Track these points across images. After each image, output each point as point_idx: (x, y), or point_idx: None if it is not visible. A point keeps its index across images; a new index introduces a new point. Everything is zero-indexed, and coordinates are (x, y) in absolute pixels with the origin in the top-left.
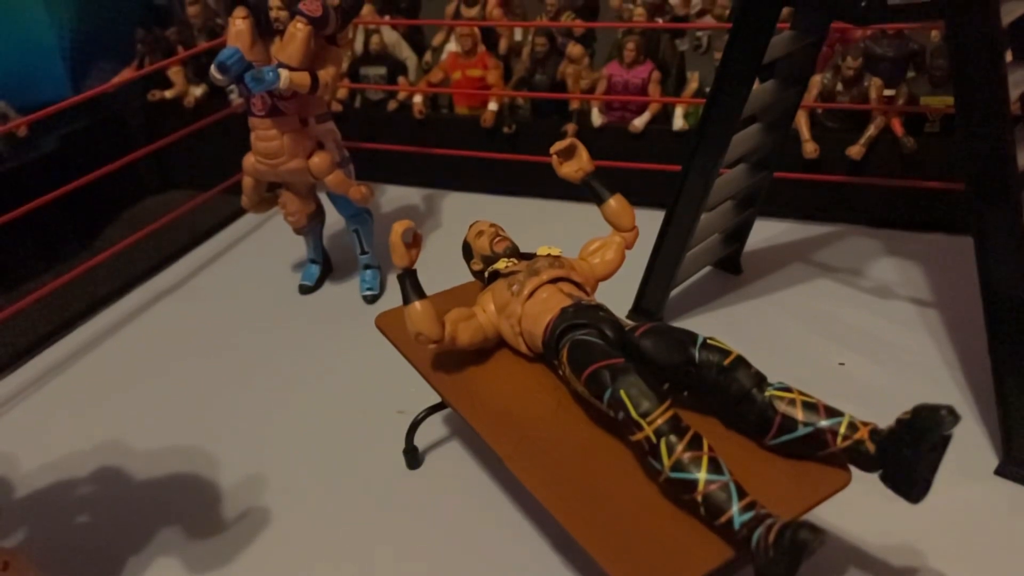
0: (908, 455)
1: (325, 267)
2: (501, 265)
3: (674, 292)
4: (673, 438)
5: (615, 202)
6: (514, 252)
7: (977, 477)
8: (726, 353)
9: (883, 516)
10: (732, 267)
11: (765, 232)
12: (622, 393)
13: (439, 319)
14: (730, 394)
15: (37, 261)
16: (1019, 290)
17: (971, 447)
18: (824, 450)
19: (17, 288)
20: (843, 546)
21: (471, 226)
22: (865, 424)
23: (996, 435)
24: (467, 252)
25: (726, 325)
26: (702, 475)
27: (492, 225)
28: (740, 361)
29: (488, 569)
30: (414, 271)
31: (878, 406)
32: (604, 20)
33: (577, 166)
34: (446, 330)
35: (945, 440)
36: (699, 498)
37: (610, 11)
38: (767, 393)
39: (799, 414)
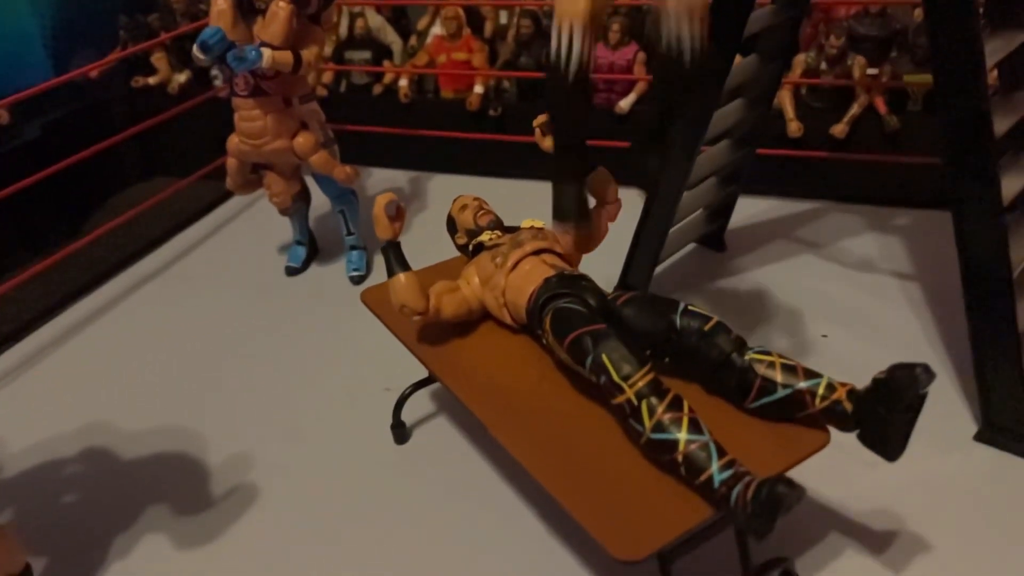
0: (884, 413)
1: (311, 249)
2: (485, 237)
3: (658, 269)
4: (654, 400)
5: (598, 174)
6: (498, 225)
7: (956, 444)
8: (706, 319)
9: (863, 482)
10: (716, 244)
11: (749, 210)
12: (604, 357)
13: (423, 291)
14: (710, 359)
15: (22, 249)
16: (996, 259)
17: (951, 414)
18: (803, 411)
19: (2, 275)
20: (822, 513)
21: (455, 200)
22: (843, 385)
23: (975, 402)
24: (451, 226)
25: (710, 301)
26: (682, 435)
27: (476, 199)
28: (720, 326)
29: (477, 542)
30: (398, 243)
31: (860, 376)
32: None
33: None
34: (431, 302)
35: (920, 398)
36: (679, 458)
37: None
38: (747, 357)
39: (778, 376)
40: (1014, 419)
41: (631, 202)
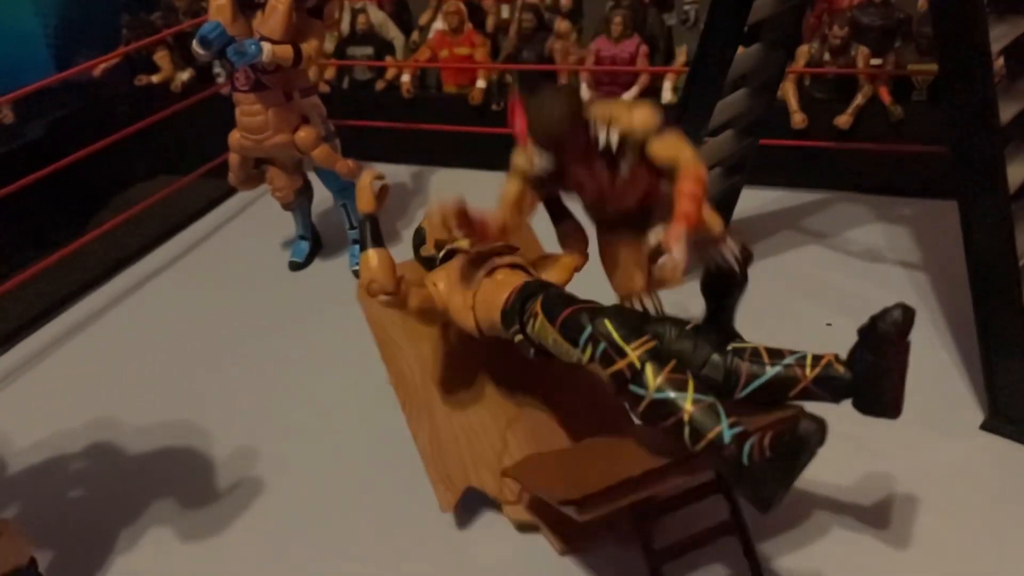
0: (873, 359)
1: (314, 243)
2: (465, 243)
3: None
4: (657, 363)
5: (571, 228)
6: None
7: (964, 432)
8: (685, 322)
9: (870, 471)
10: None
11: (754, 201)
12: (606, 323)
13: (395, 273)
14: (693, 358)
15: (27, 247)
16: (1002, 247)
17: (957, 403)
18: (796, 387)
19: (8, 273)
20: (830, 501)
21: (430, 211)
22: (827, 354)
23: (982, 391)
24: (419, 238)
25: None
26: (688, 394)
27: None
28: (699, 328)
29: (475, 534)
30: (376, 217)
31: None
32: None
33: None
34: (401, 286)
35: (904, 340)
36: (685, 417)
37: None
38: (730, 348)
39: (764, 358)
40: (1021, 408)
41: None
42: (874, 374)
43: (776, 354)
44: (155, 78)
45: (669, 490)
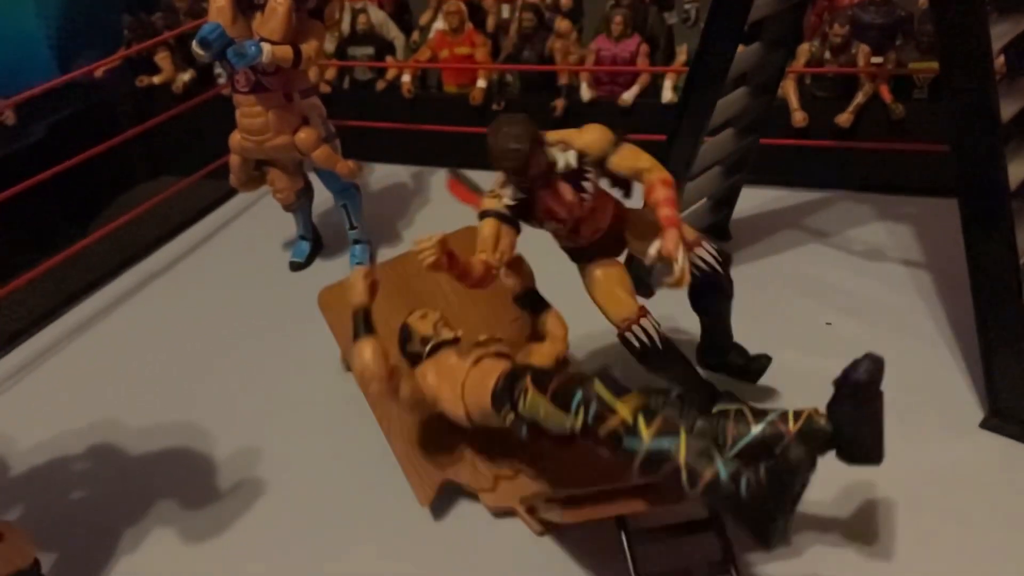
0: (851, 412)
1: (315, 243)
2: (449, 336)
3: None
4: (648, 416)
5: (551, 316)
6: (457, 339)
7: (963, 431)
8: (667, 390)
9: (870, 471)
10: (721, 233)
11: (754, 199)
12: (596, 386)
13: (388, 362)
14: (683, 425)
15: (30, 249)
16: (1003, 246)
17: (957, 402)
18: (780, 443)
19: (10, 275)
20: (831, 501)
21: (410, 312)
22: (806, 408)
23: (982, 390)
24: (404, 335)
25: None
26: (682, 440)
27: (433, 311)
28: (682, 396)
29: (480, 534)
30: (369, 309)
31: None
32: None
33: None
34: (393, 374)
35: (877, 388)
36: (680, 462)
37: None
38: (715, 411)
39: (749, 417)
40: (1020, 407)
41: (635, 193)
42: (855, 423)
43: (759, 413)
44: (156, 79)
45: (662, 513)
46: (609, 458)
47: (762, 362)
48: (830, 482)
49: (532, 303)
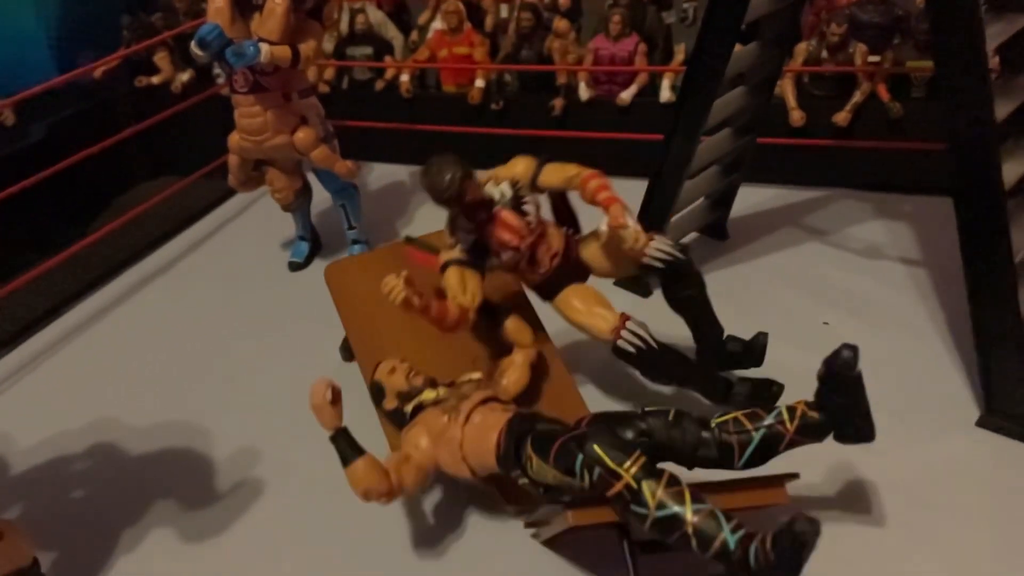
0: (841, 400)
1: (314, 244)
2: (430, 396)
3: None
4: (652, 480)
5: (510, 323)
6: (433, 381)
7: (960, 429)
8: (666, 411)
9: (867, 468)
10: (719, 233)
11: (752, 198)
12: (595, 448)
13: (384, 471)
14: (686, 443)
15: (30, 249)
16: (997, 245)
17: (954, 400)
18: (783, 442)
19: (9, 275)
20: (828, 498)
21: (378, 365)
22: (797, 403)
23: (978, 388)
24: (378, 392)
25: (713, 290)
26: (687, 507)
27: (402, 361)
28: (680, 413)
29: (478, 536)
30: (345, 428)
31: (863, 362)
32: None
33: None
34: (392, 479)
35: (856, 375)
36: (689, 529)
37: None
38: (714, 426)
39: (747, 424)
40: (1016, 405)
41: (630, 192)
42: (844, 410)
43: (754, 417)
44: (155, 79)
45: None
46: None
47: (760, 340)
48: (826, 479)
49: (489, 314)
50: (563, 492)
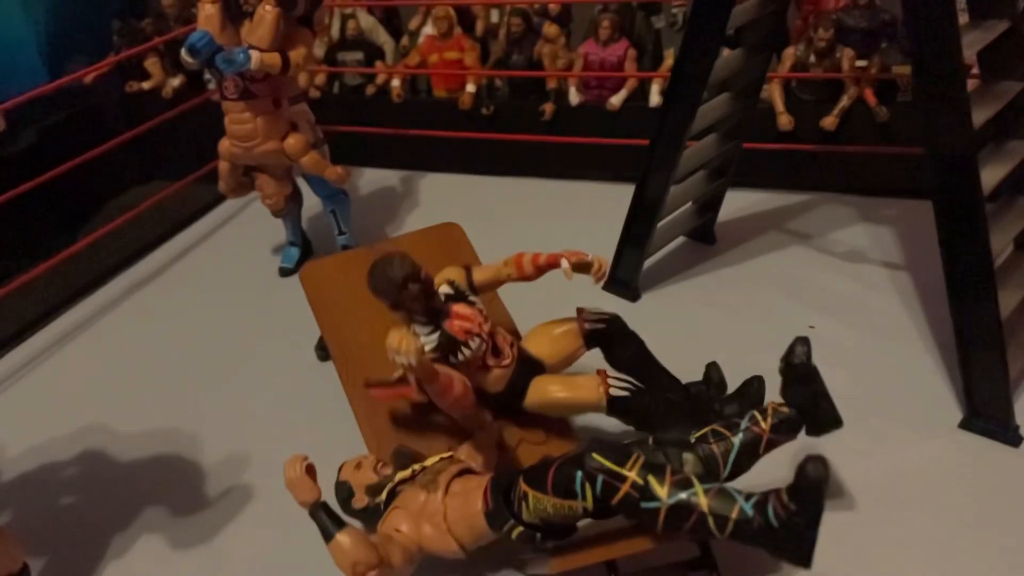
0: (805, 391)
1: (304, 249)
2: (404, 474)
3: (648, 263)
4: (657, 473)
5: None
6: (403, 466)
7: (942, 431)
8: (645, 439)
9: (851, 470)
10: (706, 237)
11: (739, 202)
12: (595, 457)
13: (369, 542)
14: (673, 466)
15: (20, 255)
16: (976, 249)
17: (936, 403)
18: (761, 443)
19: (0, 280)
20: None
21: (340, 468)
22: (767, 404)
23: (960, 391)
24: (345, 492)
25: (700, 294)
26: (698, 489)
27: (366, 456)
28: (660, 439)
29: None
30: (325, 503)
31: (849, 365)
32: None
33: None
34: (380, 552)
35: (812, 370)
36: (705, 509)
37: None
38: (694, 441)
39: (725, 432)
40: (997, 407)
41: (620, 196)
42: (812, 400)
43: (731, 425)
44: (146, 85)
45: (653, 554)
46: (632, 521)
47: (711, 372)
48: None
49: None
50: (563, 527)
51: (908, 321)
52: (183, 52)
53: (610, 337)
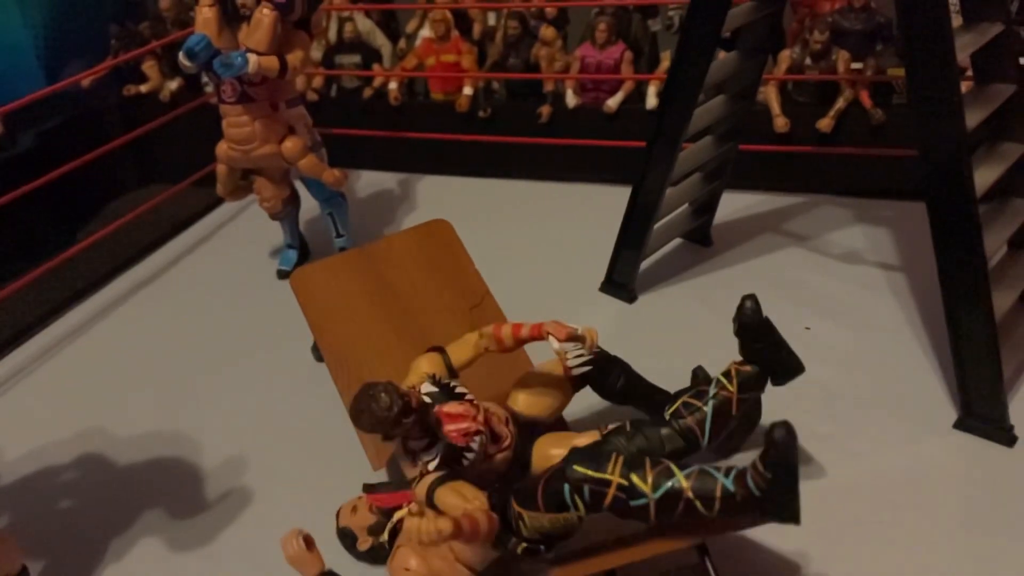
0: (763, 346)
1: (302, 252)
2: (403, 513)
3: (645, 265)
4: (638, 470)
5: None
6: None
7: (937, 431)
8: (622, 425)
9: (844, 470)
10: (702, 239)
11: (736, 204)
12: (576, 468)
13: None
14: (652, 447)
15: (18, 258)
16: (970, 250)
17: (931, 403)
18: (732, 404)
19: None
20: (805, 501)
21: (338, 514)
22: (728, 366)
23: (955, 391)
24: (349, 539)
25: (696, 296)
26: (679, 476)
27: (359, 497)
28: (636, 422)
29: None
30: (330, 570)
31: (846, 366)
32: (575, 0)
33: None
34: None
35: (764, 323)
36: (690, 495)
37: None
38: (668, 418)
39: (697, 403)
40: (992, 407)
41: (617, 198)
42: (773, 353)
43: (700, 394)
44: (143, 88)
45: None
46: (624, 518)
47: (699, 373)
48: (803, 482)
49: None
50: (565, 538)
51: (903, 322)
52: (181, 56)
53: (596, 373)
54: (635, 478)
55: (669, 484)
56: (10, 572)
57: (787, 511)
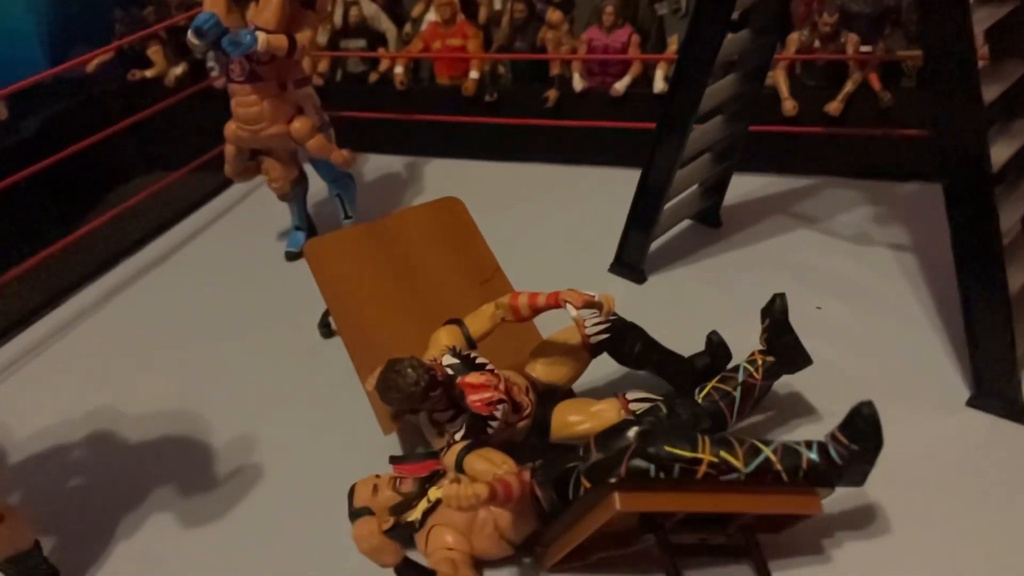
0: (785, 340)
1: (310, 234)
2: (438, 492)
3: (654, 245)
4: (727, 447)
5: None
6: (421, 482)
7: (950, 409)
8: (657, 407)
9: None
10: (711, 220)
11: (745, 186)
12: (667, 449)
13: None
14: (689, 421)
15: (25, 244)
16: (985, 228)
17: (944, 381)
18: (756, 390)
19: (4, 268)
20: None
21: (356, 491)
22: (752, 354)
23: (968, 369)
24: (370, 514)
25: (705, 277)
26: (768, 451)
27: (378, 476)
28: (669, 403)
29: None
30: (406, 556)
31: (857, 347)
32: None
33: None
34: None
35: (787, 320)
36: (779, 467)
37: None
38: (700, 399)
39: (726, 387)
40: (1005, 385)
41: (625, 181)
42: (792, 346)
43: (727, 379)
44: (148, 73)
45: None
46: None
47: (714, 339)
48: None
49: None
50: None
51: (913, 301)
52: (189, 34)
53: (614, 340)
54: (727, 455)
55: (760, 459)
56: (22, 547)
57: (861, 477)
